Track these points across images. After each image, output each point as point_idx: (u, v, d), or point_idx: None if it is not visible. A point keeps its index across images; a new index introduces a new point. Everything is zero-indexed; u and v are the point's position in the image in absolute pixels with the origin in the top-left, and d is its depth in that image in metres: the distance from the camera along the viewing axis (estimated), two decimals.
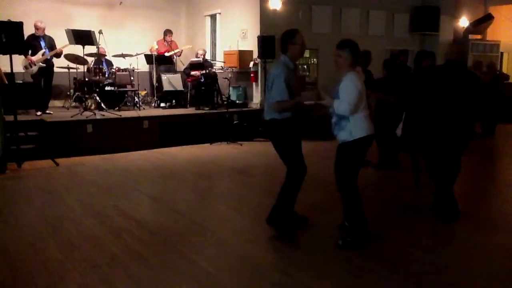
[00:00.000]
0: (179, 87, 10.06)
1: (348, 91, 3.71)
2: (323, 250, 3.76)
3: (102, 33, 8.66)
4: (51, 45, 8.56)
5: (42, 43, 8.44)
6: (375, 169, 6.64)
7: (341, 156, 3.89)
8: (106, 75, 9.34)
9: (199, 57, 10.23)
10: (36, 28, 8.37)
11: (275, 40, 9.33)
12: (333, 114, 3.82)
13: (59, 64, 9.04)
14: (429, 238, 4.05)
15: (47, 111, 8.53)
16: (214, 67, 10.37)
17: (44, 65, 8.46)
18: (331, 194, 5.73)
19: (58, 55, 8.62)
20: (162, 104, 9.93)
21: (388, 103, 6.35)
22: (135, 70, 9.80)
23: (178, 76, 10.21)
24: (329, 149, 7.32)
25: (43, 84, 8.53)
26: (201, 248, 3.83)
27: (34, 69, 8.34)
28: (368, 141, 3.81)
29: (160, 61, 10.18)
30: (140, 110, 9.19)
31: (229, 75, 9.98)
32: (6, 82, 6.72)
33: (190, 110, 9.50)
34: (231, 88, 10.02)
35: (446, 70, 4.49)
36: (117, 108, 9.02)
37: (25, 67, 8.33)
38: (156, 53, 10.20)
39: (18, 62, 7.92)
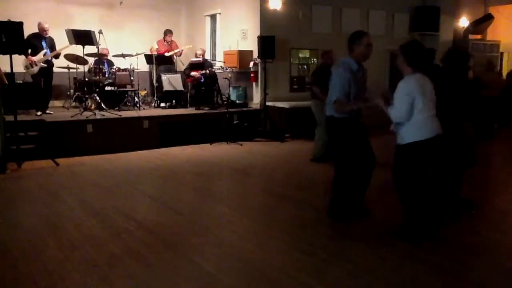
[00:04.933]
0: (179, 87, 10.06)
1: (399, 97, 3.75)
2: (323, 250, 3.76)
3: (102, 33, 8.67)
4: (51, 45, 8.57)
5: (44, 44, 8.44)
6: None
7: (401, 158, 3.91)
8: (107, 75, 9.35)
9: (198, 57, 10.24)
10: (43, 30, 8.37)
11: (275, 40, 9.35)
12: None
13: (59, 64, 9.04)
14: (430, 240, 4.04)
15: (47, 111, 8.53)
16: (214, 67, 10.37)
17: (45, 65, 8.47)
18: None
19: (57, 56, 8.63)
20: (162, 104, 9.93)
21: None
22: (135, 70, 9.80)
23: (178, 76, 10.21)
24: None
25: (43, 84, 8.53)
26: (201, 248, 3.82)
27: (35, 69, 8.34)
28: (423, 145, 3.74)
29: (160, 61, 10.19)
30: (140, 110, 9.19)
31: (229, 75, 9.98)
32: (6, 82, 6.71)
33: (190, 110, 9.50)
34: (231, 88, 10.02)
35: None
36: (117, 108, 9.03)
37: (26, 67, 8.31)
38: (156, 53, 10.20)
39: (18, 62, 7.90)
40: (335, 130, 4.27)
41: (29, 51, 8.18)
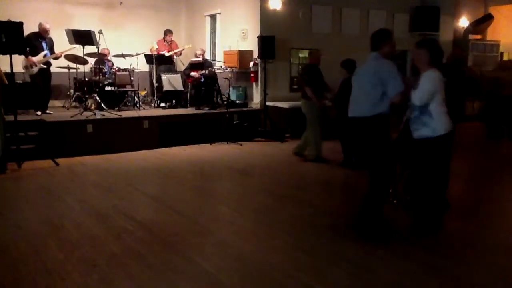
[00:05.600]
0: (179, 87, 10.06)
1: (426, 85, 3.83)
2: (323, 250, 3.76)
3: (102, 33, 8.67)
4: (51, 46, 8.55)
5: (44, 44, 8.43)
6: (339, 166, 6.77)
7: (424, 152, 3.95)
8: (107, 75, 9.34)
9: (198, 57, 10.24)
10: (45, 30, 8.34)
11: (275, 40, 9.35)
12: (413, 108, 3.94)
13: (60, 64, 9.03)
14: (428, 239, 4.04)
15: (47, 111, 8.52)
16: (214, 67, 10.37)
17: (45, 66, 8.45)
18: (332, 195, 5.75)
19: (57, 58, 8.61)
20: (162, 104, 9.93)
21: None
22: (135, 70, 9.80)
23: (178, 76, 10.21)
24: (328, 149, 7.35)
25: (41, 85, 8.49)
26: (201, 248, 3.82)
27: (35, 69, 8.32)
28: (449, 138, 3.95)
29: (160, 61, 10.19)
30: (140, 110, 9.19)
31: (229, 75, 9.98)
32: (6, 82, 6.71)
33: (190, 110, 9.50)
34: (231, 88, 10.02)
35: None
36: (117, 108, 9.02)
37: (25, 67, 8.30)
38: (156, 53, 10.20)
39: (18, 62, 7.90)
40: (375, 129, 3.90)
41: (27, 49, 8.12)
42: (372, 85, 3.86)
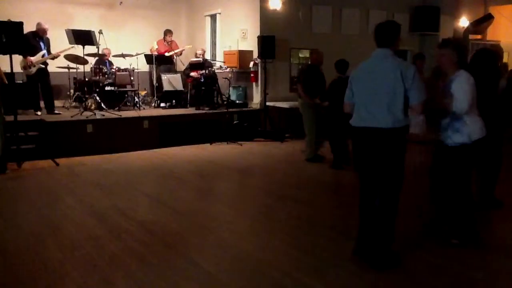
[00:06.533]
0: (179, 87, 10.06)
1: (465, 90, 3.56)
2: (323, 250, 3.76)
3: (102, 33, 8.66)
4: (48, 46, 8.54)
5: (42, 44, 8.42)
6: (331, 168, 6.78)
7: (458, 159, 3.69)
8: (107, 75, 9.34)
9: (198, 57, 10.24)
10: (43, 30, 8.32)
11: (275, 40, 9.35)
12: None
13: (60, 64, 9.03)
14: (427, 238, 4.04)
15: (56, 111, 8.49)
16: (214, 67, 10.37)
17: (44, 66, 8.44)
18: (332, 195, 5.75)
19: (55, 58, 8.59)
20: (162, 104, 9.93)
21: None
22: (135, 70, 9.80)
23: (178, 76, 10.21)
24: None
25: (40, 85, 8.47)
26: (201, 248, 3.83)
27: (33, 69, 8.30)
28: (482, 142, 3.74)
29: (160, 61, 10.19)
30: (140, 110, 9.19)
31: (229, 75, 9.98)
32: (6, 82, 6.71)
33: (190, 110, 9.50)
34: (231, 88, 10.02)
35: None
36: (117, 108, 9.03)
37: (24, 68, 8.28)
38: (156, 53, 10.20)
39: (17, 62, 7.89)
40: (401, 142, 3.39)
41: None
42: (396, 90, 3.25)
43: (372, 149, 3.38)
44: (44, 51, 8.38)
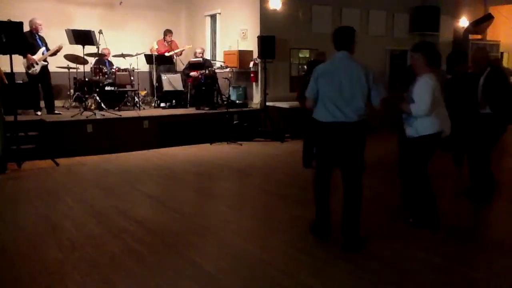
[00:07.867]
0: (179, 87, 10.06)
1: (422, 93, 3.90)
2: (323, 250, 3.76)
3: (102, 33, 8.66)
4: (45, 43, 8.52)
5: (39, 41, 8.40)
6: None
7: (409, 150, 4.17)
8: (107, 75, 9.34)
9: (197, 56, 10.24)
10: (37, 25, 8.28)
11: (275, 40, 9.35)
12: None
13: (59, 64, 9.03)
14: (428, 239, 4.04)
15: (56, 112, 8.48)
16: (214, 67, 10.37)
17: (46, 63, 8.41)
18: (332, 195, 5.75)
19: (54, 54, 8.55)
20: (162, 104, 9.93)
21: None
22: (135, 70, 9.80)
23: (178, 76, 10.21)
24: None
25: (41, 85, 8.46)
26: (201, 248, 3.83)
27: (37, 68, 8.27)
28: (435, 138, 4.03)
29: (160, 61, 10.19)
30: (140, 110, 9.19)
31: (229, 75, 9.98)
32: (6, 82, 6.71)
33: (190, 110, 9.50)
34: (231, 88, 10.02)
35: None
36: (117, 108, 9.02)
37: (28, 67, 8.23)
38: (156, 53, 10.20)
39: (19, 62, 7.88)
40: (361, 133, 3.79)
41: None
42: (361, 88, 3.65)
43: (341, 140, 3.74)
44: (43, 48, 8.37)
